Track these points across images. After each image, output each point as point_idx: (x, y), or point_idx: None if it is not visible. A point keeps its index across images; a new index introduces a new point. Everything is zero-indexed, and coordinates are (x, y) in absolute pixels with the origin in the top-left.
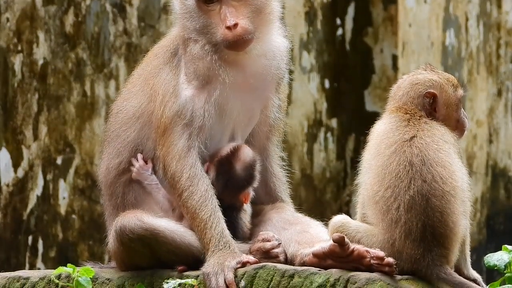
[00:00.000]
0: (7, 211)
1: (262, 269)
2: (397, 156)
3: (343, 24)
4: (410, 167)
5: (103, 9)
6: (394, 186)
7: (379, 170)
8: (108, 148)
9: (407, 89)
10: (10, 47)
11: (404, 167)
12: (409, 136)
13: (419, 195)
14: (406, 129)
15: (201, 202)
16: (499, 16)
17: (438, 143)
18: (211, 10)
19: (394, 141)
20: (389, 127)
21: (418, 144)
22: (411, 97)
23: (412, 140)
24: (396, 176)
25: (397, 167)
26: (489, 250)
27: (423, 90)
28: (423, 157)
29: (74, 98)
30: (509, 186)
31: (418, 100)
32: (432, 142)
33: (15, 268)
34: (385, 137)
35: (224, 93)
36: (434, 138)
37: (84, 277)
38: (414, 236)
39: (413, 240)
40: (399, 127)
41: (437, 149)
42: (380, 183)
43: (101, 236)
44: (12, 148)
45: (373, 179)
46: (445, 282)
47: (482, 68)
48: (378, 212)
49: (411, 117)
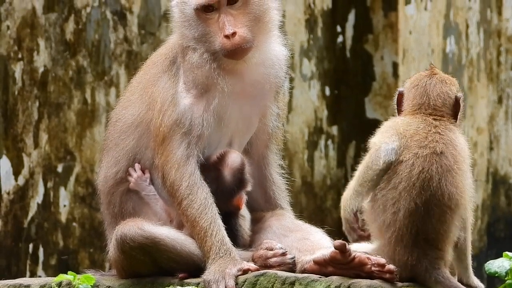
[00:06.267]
0: (7, 218)
1: (263, 276)
2: (424, 164)
3: (344, 31)
4: (429, 180)
5: (104, 16)
6: (403, 189)
7: (400, 166)
8: (106, 157)
9: (438, 89)
10: (11, 54)
11: (424, 177)
12: (440, 150)
13: (424, 204)
14: (437, 138)
15: (201, 210)
16: (500, 23)
17: (458, 162)
18: (209, 18)
19: (425, 145)
20: (421, 128)
21: (444, 162)
22: (442, 98)
23: (441, 156)
24: (411, 182)
25: (418, 174)
26: (490, 257)
27: (453, 94)
28: (442, 175)
29: (74, 106)
30: (510, 193)
31: (448, 102)
32: (455, 163)
33: (16, 275)
34: (417, 136)
35: (222, 102)
36: (457, 157)
37: (85, 284)
38: (406, 242)
39: (404, 246)
40: (430, 133)
41: (456, 171)
42: (390, 179)
43: (101, 244)
44: (12, 156)
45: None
46: (443, 286)
47: (482, 75)
48: (374, 210)
49: (440, 124)
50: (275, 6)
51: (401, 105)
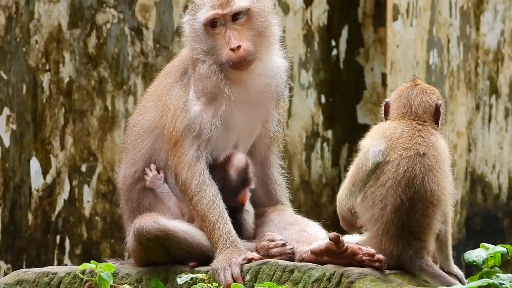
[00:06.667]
0: (37, 213)
1: (265, 265)
2: (409, 164)
3: (338, 45)
4: (413, 178)
5: (122, 32)
6: (390, 187)
7: (387, 166)
8: (125, 158)
9: (419, 99)
10: (39, 66)
11: (409, 176)
12: (423, 151)
13: (408, 200)
14: (420, 141)
15: (210, 206)
16: (477, 38)
17: (439, 162)
18: (217, 33)
19: (410, 147)
20: (406, 131)
21: (427, 162)
22: (423, 106)
23: (423, 157)
24: (397, 180)
25: (403, 173)
26: (468, 248)
27: (433, 102)
28: (425, 174)
29: (96, 112)
30: (486, 190)
31: (429, 109)
32: (436, 164)
33: (45, 264)
34: (402, 139)
35: (229, 109)
36: (438, 158)
37: (106, 272)
38: (391, 234)
39: (390, 237)
40: (414, 136)
41: (437, 170)
42: (378, 177)
43: (121, 236)
44: (41, 157)
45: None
46: (426, 273)
47: (462, 85)
48: (364, 206)
49: (423, 128)
50: (276, 22)
51: (388, 114)
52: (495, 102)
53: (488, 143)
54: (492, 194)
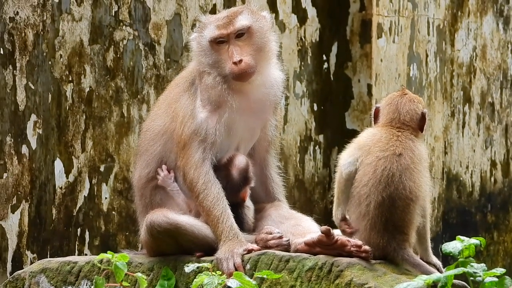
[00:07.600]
0: (60, 208)
1: (264, 255)
2: (386, 164)
3: (328, 60)
4: (392, 176)
5: (137, 47)
6: (372, 185)
7: (366, 168)
8: (139, 160)
9: (408, 107)
10: (63, 77)
11: (387, 174)
12: (399, 152)
13: (389, 197)
14: (397, 144)
15: (214, 202)
16: (452, 53)
17: (415, 163)
18: (221, 48)
19: (386, 149)
20: (384, 136)
21: (403, 161)
22: (410, 114)
23: (400, 157)
24: (377, 179)
25: (382, 172)
26: (444, 240)
27: (419, 110)
28: (402, 172)
29: (114, 119)
30: (460, 188)
31: (415, 116)
32: (412, 163)
33: (67, 254)
34: (380, 143)
35: (231, 116)
36: (414, 158)
37: (121, 261)
38: (378, 228)
39: (377, 231)
40: (391, 140)
41: (413, 169)
42: (361, 179)
43: (135, 229)
44: (64, 158)
45: (360, 173)
46: (408, 263)
47: (439, 95)
48: (352, 204)
49: (402, 134)
50: (274, 39)
51: (377, 119)
52: (468, 110)
53: (462, 146)
54: (466, 192)
